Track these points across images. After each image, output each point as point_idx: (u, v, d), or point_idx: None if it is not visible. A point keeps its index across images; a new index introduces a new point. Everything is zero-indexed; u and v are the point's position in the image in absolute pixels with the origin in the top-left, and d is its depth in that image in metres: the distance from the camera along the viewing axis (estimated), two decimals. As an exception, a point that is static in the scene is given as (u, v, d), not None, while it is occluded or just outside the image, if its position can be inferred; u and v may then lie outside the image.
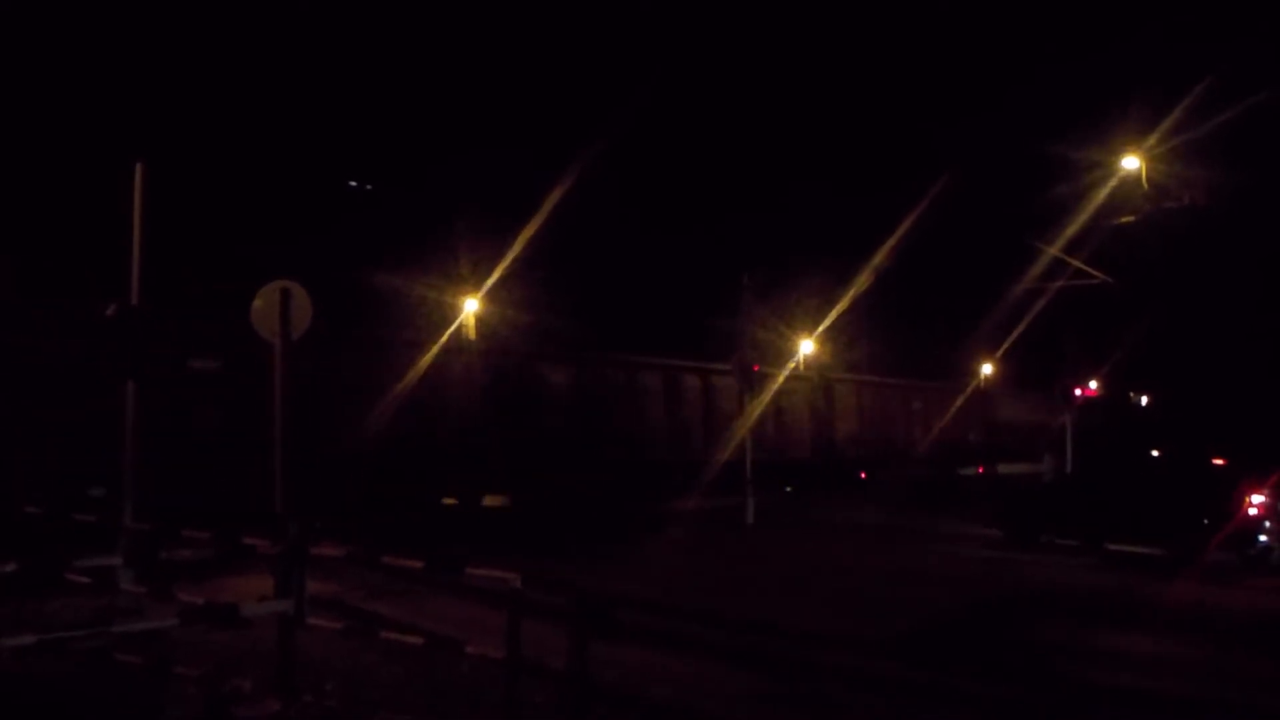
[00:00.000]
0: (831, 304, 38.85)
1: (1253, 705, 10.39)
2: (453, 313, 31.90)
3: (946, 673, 11.34)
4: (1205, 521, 19.67)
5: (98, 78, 27.52)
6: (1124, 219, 31.65)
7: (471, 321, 32.93)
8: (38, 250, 23.28)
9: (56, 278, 20.45)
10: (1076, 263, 36.27)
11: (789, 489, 33.42)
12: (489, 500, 26.42)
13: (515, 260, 33.05)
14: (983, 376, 50.59)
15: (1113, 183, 30.06)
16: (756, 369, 27.05)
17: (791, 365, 36.99)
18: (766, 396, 31.77)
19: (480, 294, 33.09)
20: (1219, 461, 22.34)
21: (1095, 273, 36.46)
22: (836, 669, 11.21)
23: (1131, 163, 28.46)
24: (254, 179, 31.36)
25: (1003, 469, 40.38)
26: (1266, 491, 19.81)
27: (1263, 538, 19.71)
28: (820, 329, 39.10)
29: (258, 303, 10.74)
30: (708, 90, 40.86)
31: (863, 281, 38.86)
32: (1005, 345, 47.31)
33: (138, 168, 13.51)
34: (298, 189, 33.42)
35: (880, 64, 44.05)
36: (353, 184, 37.71)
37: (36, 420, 17.74)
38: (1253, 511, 19.63)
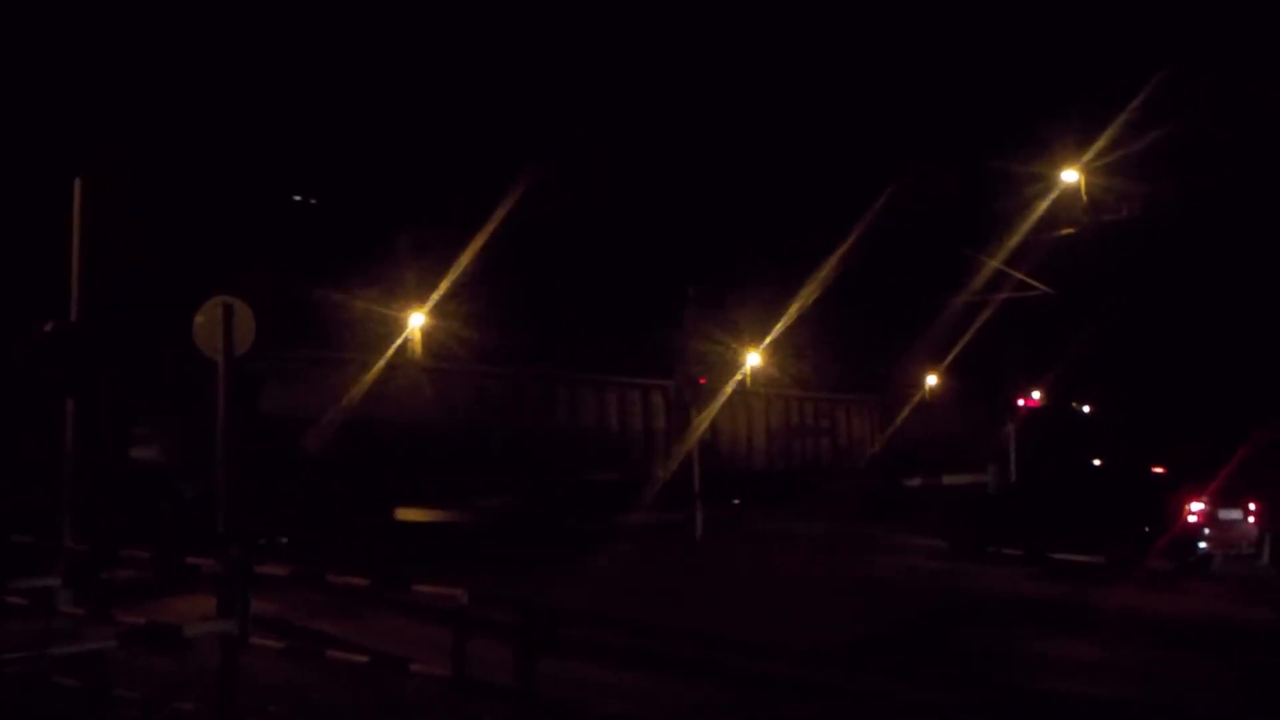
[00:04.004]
0: (777, 317, 39.03)
1: (1190, 706, 10.58)
2: (398, 328, 31.74)
3: (889, 680, 11.42)
4: (1146, 530, 19.97)
5: (39, 91, 27.16)
6: (1064, 231, 32.08)
7: (418, 337, 32.78)
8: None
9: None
10: (1018, 274, 36.70)
11: (737, 502, 33.48)
12: (435, 515, 26.25)
13: (461, 275, 32.91)
14: (927, 388, 50.96)
15: (1053, 196, 30.47)
16: (703, 383, 27.12)
17: (738, 378, 37.10)
18: (713, 410, 31.84)
19: (425, 309, 32.93)
20: (1159, 470, 22.66)
21: (1037, 284, 36.89)
22: (782, 679, 11.25)
23: (1070, 176, 28.87)
24: (195, 193, 31.03)
25: (947, 479, 40.68)
26: (1206, 500, 20.13)
27: (1202, 545, 20.02)
28: (766, 342, 39.27)
29: (199, 319, 10.60)
30: (650, 103, 40.91)
31: (808, 295, 39.07)
32: (950, 357, 47.72)
33: (76, 184, 13.33)
34: (240, 203, 33.11)
35: (821, 79, 44.40)
36: (296, 198, 37.42)
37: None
38: (1192, 519, 19.94)
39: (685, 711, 9.89)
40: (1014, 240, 34.39)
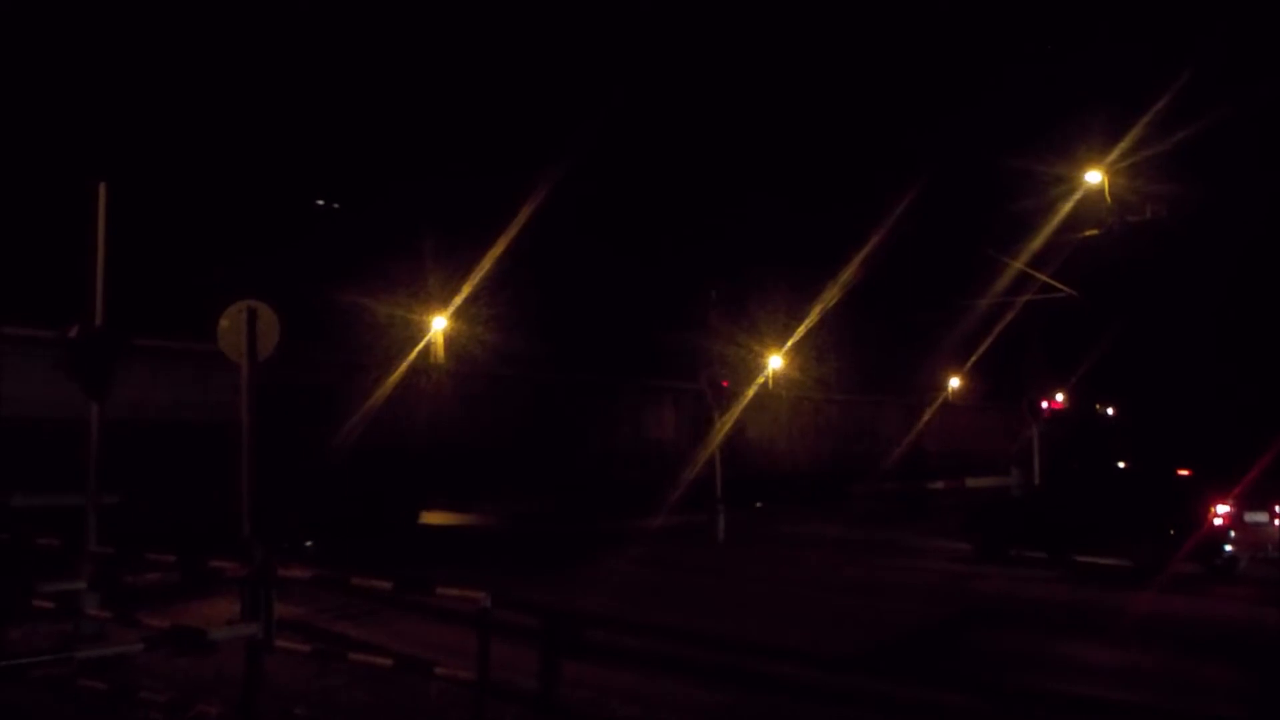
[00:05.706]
0: (799, 319, 38.96)
1: (1204, 710, 10.52)
2: (420, 331, 31.83)
3: (909, 685, 11.38)
4: (1171, 532, 19.81)
5: (60, 97, 27.33)
6: (1088, 233, 31.95)
7: (440, 340, 32.86)
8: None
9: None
10: (1043, 276, 36.57)
11: (759, 505, 33.42)
12: (461, 519, 26.33)
13: (483, 279, 33.00)
14: (950, 390, 50.81)
15: (1076, 197, 30.36)
16: (725, 385, 27.07)
17: (760, 381, 37.03)
18: (736, 413, 31.78)
19: (448, 313, 33.02)
20: (1184, 473, 22.50)
21: (1061, 286, 36.75)
22: (802, 683, 11.22)
23: (1094, 177, 28.76)
24: (220, 198, 31.22)
25: (971, 482, 40.54)
26: (1231, 502, 19.98)
27: (1228, 548, 19.88)
28: (788, 344, 39.19)
29: (224, 323, 10.66)
30: (669, 107, 40.96)
31: (830, 296, 39.00)
32: (973, 359, 47.58)
33: (100, 188, 13.36)
34: (264, 208, 33.31)
35: (843, 79, 44.36)
36: (320, 202, 37.61)
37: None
38: (1218, 522, 19.79)
39: (700, 715, 9.86)
40: (1038, 242, 34.31)
